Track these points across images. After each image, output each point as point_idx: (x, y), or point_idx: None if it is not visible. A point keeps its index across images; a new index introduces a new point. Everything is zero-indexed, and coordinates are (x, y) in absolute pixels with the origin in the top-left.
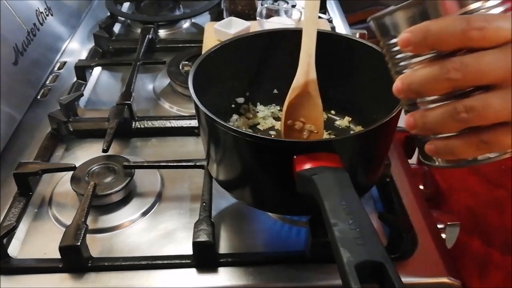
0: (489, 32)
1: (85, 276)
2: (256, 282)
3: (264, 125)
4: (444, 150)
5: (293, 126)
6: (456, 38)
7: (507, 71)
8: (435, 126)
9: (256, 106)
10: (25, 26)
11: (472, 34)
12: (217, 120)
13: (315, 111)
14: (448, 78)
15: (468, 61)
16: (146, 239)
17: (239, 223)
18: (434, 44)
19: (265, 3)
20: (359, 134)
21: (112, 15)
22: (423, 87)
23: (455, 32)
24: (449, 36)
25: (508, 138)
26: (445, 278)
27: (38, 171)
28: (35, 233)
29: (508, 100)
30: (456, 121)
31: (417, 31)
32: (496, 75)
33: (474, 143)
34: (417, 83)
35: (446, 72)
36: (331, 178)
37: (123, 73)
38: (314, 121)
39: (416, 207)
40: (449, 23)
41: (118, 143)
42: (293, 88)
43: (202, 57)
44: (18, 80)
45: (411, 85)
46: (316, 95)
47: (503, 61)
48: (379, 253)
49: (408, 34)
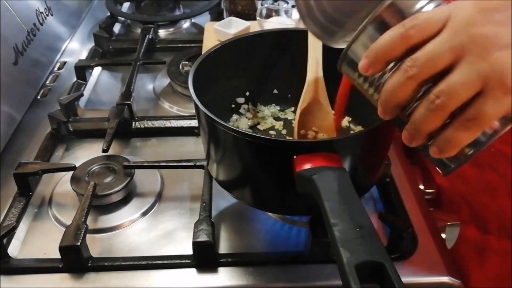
0: (422, 25)
1: (85, 276)
2: (256, 282)
3: (264, 125)
4: (444, 145)
5: (306, 135)
6: (399, 43)
7: (452, 51)
8: (423, 125)
9: (256, 106)
10: (25, 26)
11: (409, 33)
12: (217, 120)
13: (326, 119)
14: (408, 77)
15: (417, 56)
16: (146, 239)
17: (239, 223)
18: (386, 57)
19: (265, 3)
20: (359, 134)
21: (112, 15)
22: (395, 96)
23: (396, 40)
24: (393, 45)
25: (488, 106)
26: (445, 278)
27: (38, 171)
28: (35, 233)
29: (468, 73)
30: (435, 111)
31: (369, 54)
32: (444, 58)
33: (463, 124)
34: (390, 95)
35: (404, 73)
36: (331, 178)
37: (123, 73)
38: (327, 130)
39: (416, 207)
40: (389, 34)
41: (118, 143)
42: (303, 98)
43: (202, 57)
44: (18, 80)
45: (387, 102)
46: (327, 104)
47: (445, 44)
48: (379, 253)
49: (364, 60)
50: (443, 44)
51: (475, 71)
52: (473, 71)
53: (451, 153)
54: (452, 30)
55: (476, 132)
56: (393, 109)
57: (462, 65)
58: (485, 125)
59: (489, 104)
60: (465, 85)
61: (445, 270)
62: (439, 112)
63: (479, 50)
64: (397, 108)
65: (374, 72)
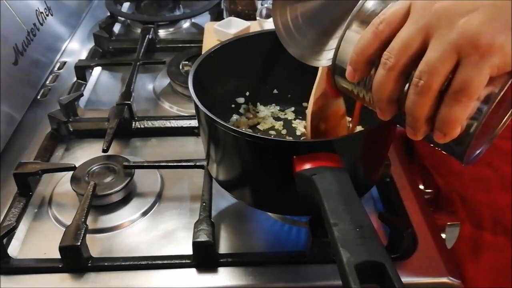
0: (389, 18)
1: (85, 276)
2: (256, 282)
3: (264, 125)
4: (444, 126)
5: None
6: (374, 41)
7: (421, 31)
8: (416, 112)
9: (256, 106)
10: (25, 26)
11: (379, 29)
12: (217, 120)
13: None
14: (388, 68)
15: (391, 46)
16: (146, 239)
17: (239, 223)
18: (365, 58)
19: (265, 3)
20: (359, 134)
21: (112, 15)
22: (383, 91)
23: (370, 38)
24: (369, 44)
25: (468, 72)
26: (445, 278)
27: (38, 171)
28: (35, 233)
29: (440, 47)
30: (422, 93)
31: (350, 59)
32: (415, 40)
33: (453, 99)
34: (378, 92)
35: (384, 66)
36: (331, 178)
37: (123, 73)
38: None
39: (416, 207)
40: (362, 36)
41: (118, 143)
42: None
43: (202, 57)
44: (18, 80)
45: (379, 100)
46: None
47: (413, 27)
48: (379, 253)
49: (348, 67)
50: (411, 28)
51: (447, 43)
52: (445, 44)
53: (453, 132)
54: (416, 14)
55: (468, 103)
56: (387, 106)
57: (433, 42)
58: (473, 93)
59: (469, 70)
60: (441, 59)
61: (445, 270)
62: (426, 93)
63: (444, 22)
64: (390, 104)
65: (360, 75)
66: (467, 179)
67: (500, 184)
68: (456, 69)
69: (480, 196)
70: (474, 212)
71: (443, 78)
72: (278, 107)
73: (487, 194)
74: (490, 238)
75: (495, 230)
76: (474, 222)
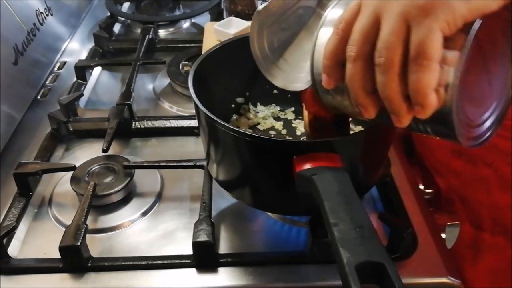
0: (347, 18)
1: (85, 276)
2: (256, 282)
3: (264, 125)
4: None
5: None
6: (339, 42)
7: (371, 15)
8: (388, 92)
9: (256, 106)
10: (25, 26)
11: (340, 28)
12: (217, 120)
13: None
14: (353, 59)
15: (351, 38)
16: (146, 239)
17: (239, 223)
18: (335, 61)
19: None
20: (359, 134)
21: (112, 15)
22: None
23: (335, 41)
24: (336, 46)
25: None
26: (445, 278)
27: (38, 171)
28: (35, 233)
29: (390, 20)
30: (385, 71)
31: (323, 66)
32: (368, 23)
33: (415, 66)
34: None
35: (350, 58)
36: (331, 178)
37: (123, 73)
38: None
39: (416, 207)
40: (328, 41)
41: (118, 143)
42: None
43: (202, 57)
44: (18, 80)
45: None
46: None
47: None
48: (380, 253)
49: (322, 75)
50: (363, 15)
51: (394, 15)
52: (393, 16)
53: (428, 101)
54: (365, 3)
55: (430, 65)
56: (365, 100)
57: (383, 20)
58: (430, 53)
59: (420, 32)
60: (393, 31)
61: (445, 270)
62: (390, 69)
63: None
64: (368, 97)
65: (335, 79)
66: (467, 179)
67: (500, 184)
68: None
69: (480, 196)
70: (474, 212)
71: (400, 49)
72: (278, 107)
73: (487, 195)
74: (489, 239)
75: (494, 231)
76: (474, 222)
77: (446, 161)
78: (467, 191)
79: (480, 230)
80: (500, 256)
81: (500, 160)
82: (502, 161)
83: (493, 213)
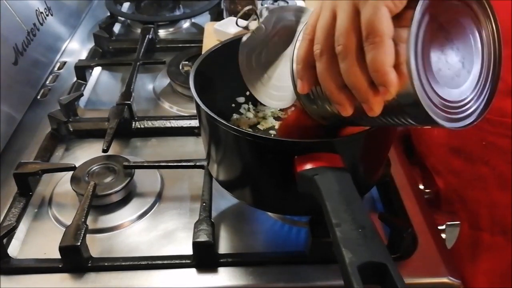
0: (310, 22)
1: (85, 276)
2: (256, 282)
3: (264, 125)
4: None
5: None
6: (308, 46)
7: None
8: (352, 80)
9: (256, 106)
10: (25, 26)
11: (307, 32)
12: (218, 120)
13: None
14: (319, 56)
15: (315, 36)
16: (146, 239)
17: (239, 223)
18: (306, 64)
19: (265, 3)
20: (360, 135)
21: (112, 15)
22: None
23: (304, 46)
24: (304, 50)
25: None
26: (445, 278)
27: (38, 171)
28: (35, 233)
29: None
30: (345, 58)
31: (297, 73)
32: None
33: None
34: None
35: (316, 56)
36: (332, 179)
37: (123, 73)
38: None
39: (416, 207)
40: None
41: (118, 143)
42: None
43: (202, 57)
44: (18, 80)
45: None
46: None
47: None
48: (382, 254)
49: (298, 81)
50: (323, 14)
51: (346, 4)
52: (344, 6)
53: (388, 78)
54: (324, 4)
55: (382, 42)
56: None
57: (338, 12)
58: (380, 30)
59: (367, 12)
60: (346, 19)
61: (445, 270)
62: (348, 55)
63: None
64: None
65: (308, 84)
66: (466, 179)
67: (498, 183)
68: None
69: (478, 195)
70: (473, 212)
71: (355, 34)
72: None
73: (485, 193)
74: (488, 239)
75: (493, 231)
76: (473, 222)
77: (446, 160)
78: (466, 191)
79: (479, 230)
80: (499, 256)
81: (497, 158)
82: (501, 160)
83: (492, 213)
